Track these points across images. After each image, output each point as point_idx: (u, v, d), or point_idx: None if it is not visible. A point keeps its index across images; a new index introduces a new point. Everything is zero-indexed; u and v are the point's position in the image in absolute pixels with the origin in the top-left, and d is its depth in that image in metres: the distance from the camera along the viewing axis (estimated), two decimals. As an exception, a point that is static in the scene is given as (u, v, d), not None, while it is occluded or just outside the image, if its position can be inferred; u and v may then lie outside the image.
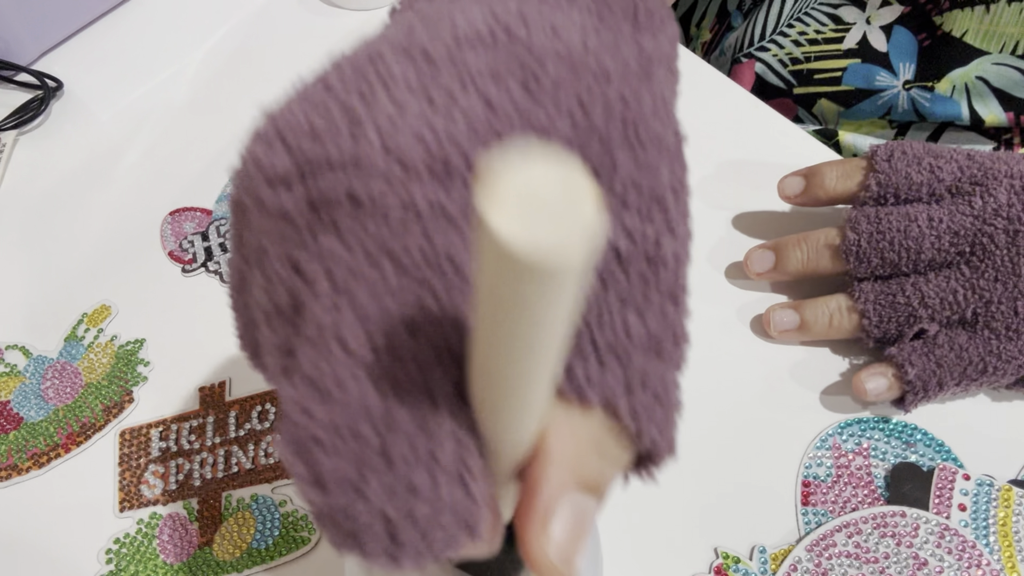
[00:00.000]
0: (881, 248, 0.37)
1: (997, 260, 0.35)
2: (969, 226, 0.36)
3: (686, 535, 0.36)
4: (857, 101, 0.53)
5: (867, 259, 0.38)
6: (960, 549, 0.34)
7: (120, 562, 0.38)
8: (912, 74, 0.50)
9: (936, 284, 0.36)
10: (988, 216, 0.36)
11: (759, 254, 0.41)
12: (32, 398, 0.43)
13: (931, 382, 0.36)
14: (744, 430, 0.39)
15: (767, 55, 0.56)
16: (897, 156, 0.38)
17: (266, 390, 0.42)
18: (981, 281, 0.36)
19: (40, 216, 0.51)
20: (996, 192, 0.36)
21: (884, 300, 0.37)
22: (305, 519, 0.38)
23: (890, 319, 0.37)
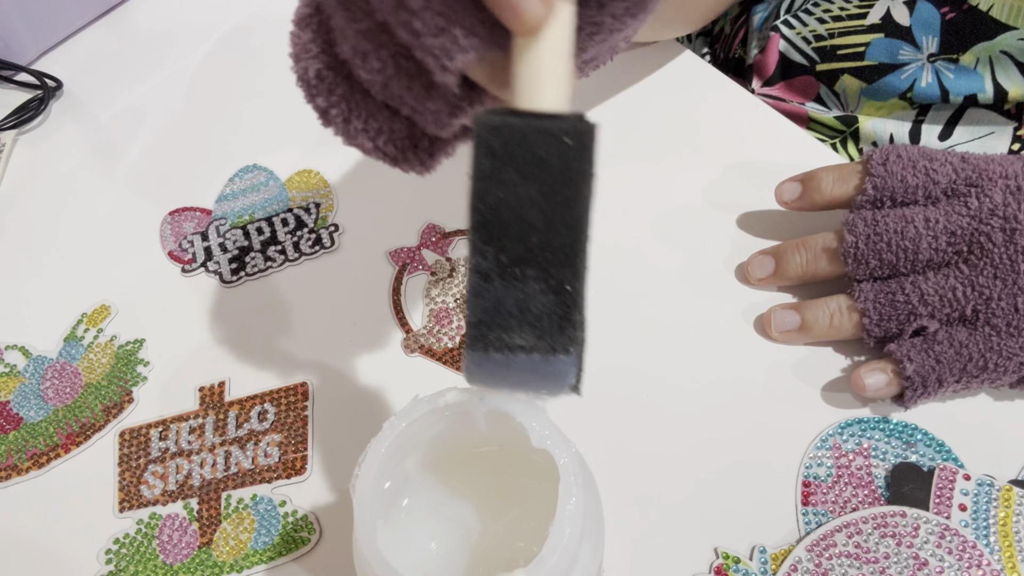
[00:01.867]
0: (879, 250, 0.37)
1: (995, 258, 0.36)
2: (966, 226, 0.36)
3: (686, 535, 0.36)
4: (880, 76, 0.53)
5: (865, 261, 0.38)
6: (960, 549, 0.34)
7: (120, 562, 0.38)
8: (936, 47, 0.50)
9: (935, 282, 0.37)
10: (984, 216, 0.36)
11: (759, 260, 0.42)
12: (32, 398, 0.43)
13: (930, 378, 0.36)
14: (745, 430, 0.39)
15: (791, 32, 0.56)
16: (892, 160, 0.39)
17: (266, 390, 0.42)
18: (980, 278, 0.36)
19: (40, 216, 0.51)
20: (991, 192, 0.36)
21: (884, 299, 0.37)
22: (305, 519, 0.38)
23: (890, 317, 0.37)
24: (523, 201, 0.21)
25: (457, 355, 0.42)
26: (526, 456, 0.32)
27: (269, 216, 0.49)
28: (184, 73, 0.57)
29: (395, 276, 0.45)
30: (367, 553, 0.25)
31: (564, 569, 0.25)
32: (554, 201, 0.20)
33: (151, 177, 0.52)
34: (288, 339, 0.44)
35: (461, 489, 0.32)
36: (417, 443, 0.30)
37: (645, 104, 0.51)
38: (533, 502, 0.31)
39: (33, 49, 0.59)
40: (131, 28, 0.61)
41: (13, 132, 0.55)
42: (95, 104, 0.57)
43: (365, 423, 0.40)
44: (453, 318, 0.43)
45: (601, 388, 0.41)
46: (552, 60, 0.21)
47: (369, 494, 0.26)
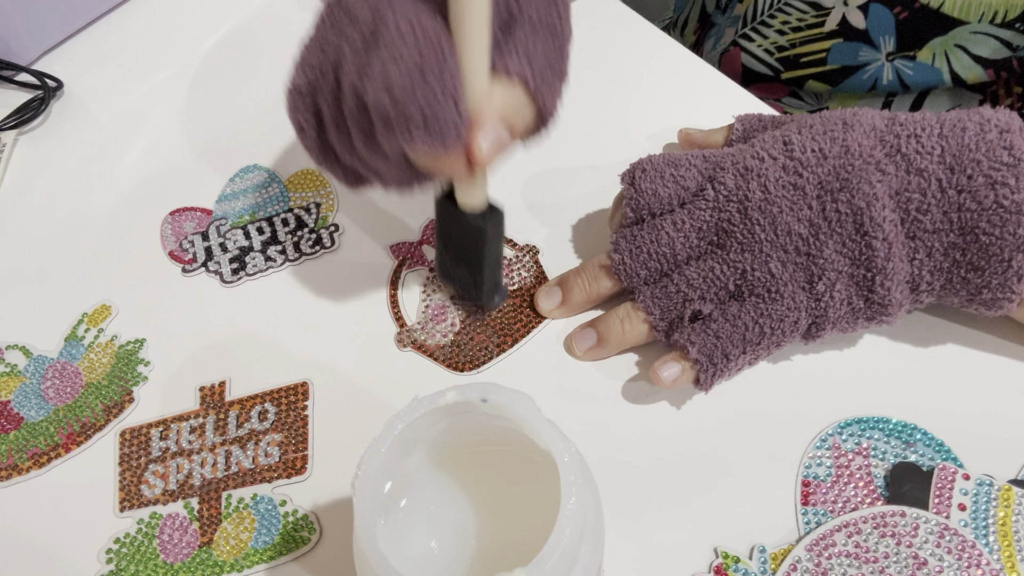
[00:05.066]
0: (642, 260, 0.40)
1: (739, 235, 0.38)
2: (709, 218, 0.39)
3: (686, 535, 0.36)
4: (844, 78, 0.56)
5: (634, 273, 0.40)
6: (960, 549, 0.34)
7: (120, 562, 0.38)
8: (893, 46, 0.53)
9: (697, 268, 0.39)
10: (722, 203, 0.39)
11: (545, 292, 0.43)
12: (32, 398, 0.43)
13: (716, 355, 0.38)
14: (744, 430, 0.39)
15: (752, 45, 0.59)
16: (639, 176, 0.41)
17: (266, 390, 0.42)
18: (731, 255, 0.38)
19: (40, 216, 0.51)
20: (725, 179, 0.39)
21: (659, 294, 0.40)
22: (305, 518, 0.38)
23: (669, 310, 0.39)
24: (461, 239, 0.40)
25: (447, 352, 0.42)
26: (526, 456, 0.32)
27: (269, 216, 0.49)
28: (184, 73, 0.57)
29: (394, 269, 0.45)
30: (367, 553, 0.25)
31: (564, 569, 0.25)
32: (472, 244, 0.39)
33: (151, 177, 0.52)
34: (288, 339, 0.44)
35: (461, 489, 0.32)
36: (417, 443, 0.30)
37: (641, 101, 0.51)
38: (533, 502, 0.31)
39: (33, 49, 0.59)
40: (131, 28, 0.61)
41: (13, 132, 0.55)
42: (95, 104, 0.57)
43: (365, 423, 0.40)
44: (447, 315, 0.43)
45: (601, 388, 0.41)
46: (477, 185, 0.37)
47: (369, 494, 0.26)
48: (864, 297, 0.37)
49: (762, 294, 0.38)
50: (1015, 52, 0.49)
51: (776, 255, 0.37)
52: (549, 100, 0.34)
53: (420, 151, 0.32)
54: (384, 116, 0.31)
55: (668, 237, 0.40)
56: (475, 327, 0.43)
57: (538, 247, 0.45)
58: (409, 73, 0.30)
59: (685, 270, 0.39)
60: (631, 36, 0.55)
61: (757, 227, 0.38)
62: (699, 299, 0.39)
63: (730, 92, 0.51)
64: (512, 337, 0.42)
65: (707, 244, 0.39)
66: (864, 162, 0.36)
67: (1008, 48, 0.49)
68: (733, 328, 0.38)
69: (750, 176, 0.39)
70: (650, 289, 0.40)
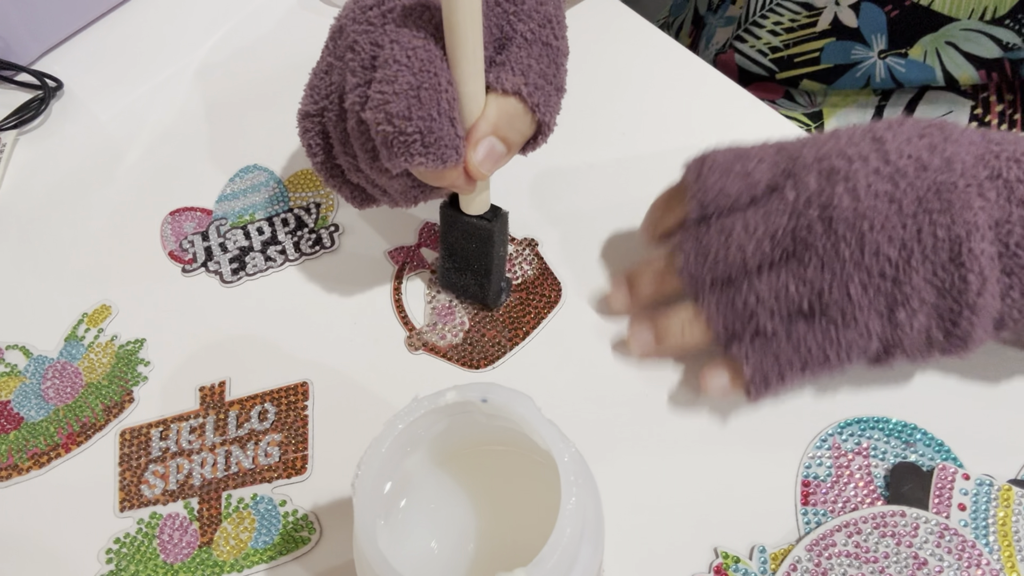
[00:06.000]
0: (708, 265, 0.37)
1: (819, 249, 0.35)
2: (785, 223, 0.36)
3: (686, 535, 0.36)
4: (837, 76, 0.56)
5: (700, 277, 0.38)
6: (960, 549, 0.34)
7: (120, 562, 0.38)
8: (885, 44, 0.53)
9: (768, 281, 0.36)
10: (801, 208, 0.36)
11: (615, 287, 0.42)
12: (32, 398, 0.43)
13: (771, 376, 0.36)
14: (744, 429, 0.39)
15: (745, 46, 0.59)
16: (706, 171, 0.38)
17: (266, 390, 0.42)
18: (809, 271, 0.35)
19: (40, 216, 0.51)
20: (807, 179, 0.36)
21: (724, 304, 0.37)
22: (305, 518, 0.38)
23: (733, 321, 0.37)
24: (467, 244, 0.41)
25: (461, 351, 0.42)
26: (526, 456, 0.32)
27: (269, 216, 0.49)
28: (184, 73, 0.57)
29: (395, 275, 0.45)
30: (367, 553, 0.25)
31: (564, 569, 0.25)
32: (479, 248, 0.41)
33: (151, 177, 0.52)
34: (288, 339, 0.44)
35: (461, 489, 0.32)
36: (417, 443, 0.30)
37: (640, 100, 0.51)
38: (533, 502, 0.31)
39: (33, 49, 0.59)
40: (131, 28, 0.61)
41: (13, 132, 0.55)
42: (95, 104, 0.57)
43: (365, 423, 0.40)
44: (455, 314, 0.43)
45: (601, 388, 0.41)
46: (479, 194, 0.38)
47: (369, 494, 0.26)
48: (945, 330, 0.35)
49: (835, 317, 0.35)
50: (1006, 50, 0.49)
51: (859, 276, 0.34)
52: (545, 111, 0.35)
53: (421, 169, 0.33)
54: (385, 139, 0.32)
55: (739, 241, 0.37)
56: (485, 324, 0.43)
57: (537, 240, 0.46)
58: (406, 97, 0.31)
59: (756, 282, 0.36)
60: (630, 35, 0.55)
61: (843, 243, 0.34)
62: (767, 315, 0.36)
63: (729, 91, 0.51)
64: (523, 330, 0.43)
65: (781, 251, 0.36)
66: (967, 183, 0.33)
67: (999, 46, 0.49)
68: (795, 351, 0.36)
69: (836, 178, 0.35)
70: (716, 296, 0.38)
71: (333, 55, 0.37)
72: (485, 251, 0.40)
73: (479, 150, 0.34)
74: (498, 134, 0.34)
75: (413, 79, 0.32)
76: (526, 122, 0.35)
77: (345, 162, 0.37)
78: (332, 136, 0.37)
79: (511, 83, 0.34)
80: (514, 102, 0.34)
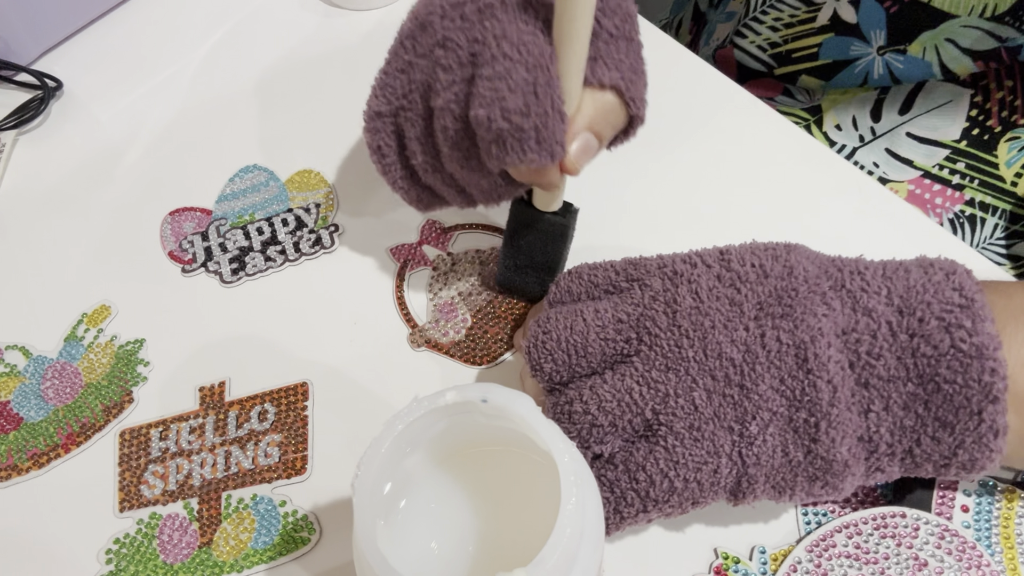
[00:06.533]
0: (549, 349, 0.34)
1: (664, 344, 0.32)
2: (632, 311, 0.34)
3: (686, 535, 0.36)
4: (835, 72, 0.56)
5: (539, 365, 0.34)
6: (960, 550, 0.34)
7: (120, 562, 0.38)
8: (884, 40, 0.53)
9: (612, 384, 0.33)
10: (648, 302, 0.34)
11: None
12: (32, 398, 0.43)
13: (607, 510, 0.33)
14: (744, 430, 0.39)
15: (744, 42, 0.59)
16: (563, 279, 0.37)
17: (266, 390, 0.42)
18: (653, 372, 0.32)
19: (40, 216, 0.51)
20: (651, 282, 0.35)
21: (562, 410, 0.33)
22: (305, 519, 0.38)
23: (574, 434, 0.33)
24: (538, 241, 0.41)
25: (463, 348, 0.42)
26: (526, 456, 0.32)
27: (269, 216, 0.49)
28: (184, 73, 0.57)
29: (397, 273, 0.45)
30: (367, 553, 0.25)
31: (564, 569, 0.25)
32: (552, 244, 0.41)
33: (151, 177, 0.52)
34: (288, 339, 0.44)
35: (461, 489, 0.32)
36: (417, 443, 0.30)
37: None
38: (533, 502, 0.31)
39: (33, 49, 0.59)
40: (131, 28, 0.61)
41: (13, 132, 0.55)
42: (95, 104, 0.57)
43: (365, 423, 0.40)
44: (458, 311, 0.43)
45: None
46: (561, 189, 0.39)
47: (369, 494, 0.26)
48: (805, 448, 0.31)
49: (681, 433, 0.32)
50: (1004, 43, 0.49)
51: (703, 381, 0.32)
52: (640, 103, 0.35)
53: (527, 166, 0.33)
54: (498, 135, 0.32)
55: (584, 324, 0.34)
56: (487, 321, 0.43)
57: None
58: (522, 93, 0.31)
59: (597, 384, 0.33)
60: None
61: (685, 340, 0.32)
62: (609, 427, 0.32)
63: (727, 89, 0.51)
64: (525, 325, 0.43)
65: (623, 342, 0.33)
66: (810, 290, 0.32)
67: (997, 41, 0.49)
68: (632, 482, 0.32)
69: (679, 280, 0.34)
70: (554, 400, 0.34)
71: (413, 53, 0.36)
72: (558, 248, 0.40)
73: (576, 145, 0.34)
74: (593, 128, 0.34)
75: (527, 74, 0.31)
76: (620, 116, 0.35)
77: (423, 162, 0.37)
78: (408, 136, 0.37)
79: (608, 77, 0.34)
80: (611, 97, 0.34)
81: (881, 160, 0.55)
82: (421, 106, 0.36)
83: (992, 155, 0.52)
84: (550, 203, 0.39)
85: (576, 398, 0.33)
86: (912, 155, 0.54)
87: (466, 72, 0.33)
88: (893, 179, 0.54)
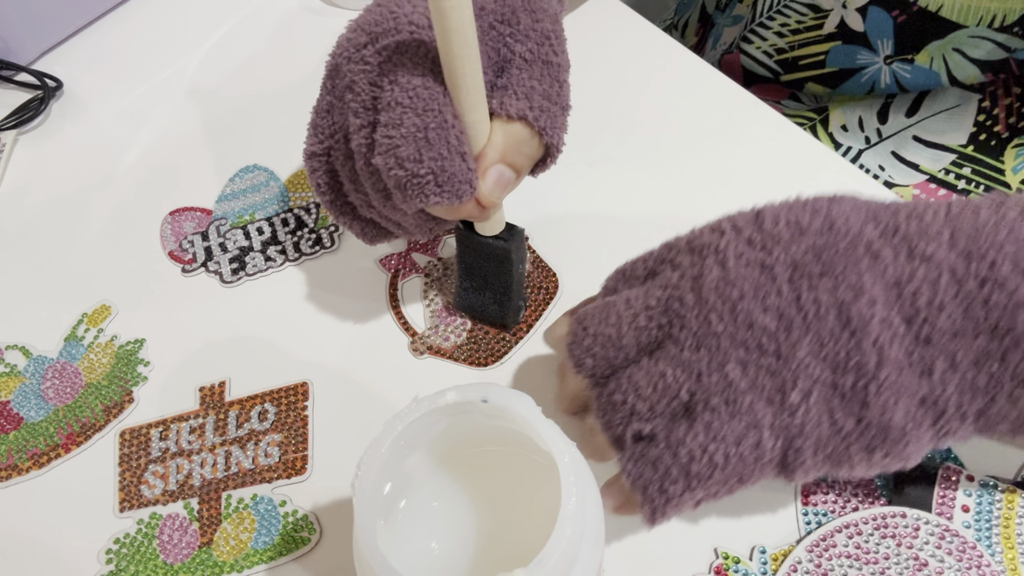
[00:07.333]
0: (587, 346, 0.33)
1: (692, 323, 0.31)
2: (660, 294, 0.32)
3: (686, 535, 0.36)
4: (842, 81, 0.56)
5: (581, 361, 0.33)
6: (960, 551, 0.34)
7: (120, 562, 0.38)
8: (891, 49, 0.53)
9: (647, 369, 0.32)
10: (675, 281, 0.32)
11: None
12: (32, 398, 0.43)
13: (651, 489, 0.31)
14: (744, 430, 0.39)
15: (751, 47, 0.59)
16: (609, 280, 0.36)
17: (266, 390, 0.42)
18: (685, 352, 0.31)
19: (40, 216, 0.51)
20: (680, 260, 0.33)
21: (605, 402, 0.33)
22: (305, 519, 0.38)
23: (615, 424, 0.32)
24: (485, 264, 0.41)
25: (466, 350, 0.42)
26: (526, 456, 0.32)
27: (269, 216, 0.48)
28: (184, 73, 0.57)
29: (389, 282, 0.45)
30: (367, 553, 0.25)
31: (564, 569, 0.25)
32: (498, 267, 0.40)
33: (151, 177, 0.52)
34: (288, 339, 0.44)
35: (461, 489, 0.32)
36: (418, 443, 0.30)
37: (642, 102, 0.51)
38: (533, 502, 0.31)
39: (33, 49, 0.59)
40: (131, 28, 0.61)
41: (13, 132, 0.55)
42: (95, 104, 0.57)
43: (365, 423, 0.40)
44: (455, 315, 0.43)
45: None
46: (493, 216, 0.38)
47: (369, 494, 0.26)
48: (855, 415, 0.29)
49: (718, 407, 0.30)
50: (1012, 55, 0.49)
51: (736, 354, 0.30)
52: (553, 132, 0.34)
53: (436, 207, 0.33)
54: (398, 183, 0.32)
55: (617, 315, 0.33)
56: None
57: (528, 234, 0.46)
58: (414, 140, 0.31)
59: (634, 372, 0.32)
60: (632, 36, 0.55)
61: (713, 314, 0.30)
62: (648, 412, 0.31)
63: (732, 93, 0.51)
64: (526, 323, 0.43)
65: (655, 328, 0.32)
66: (851, 243, 0.30)
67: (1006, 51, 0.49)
68: (674, 458, 0.30)
69: (707, 251, 0.32)
70: (598, 392, 0.33)
71: (332, 94, 0.36)
72: (504, 270, 0.40)
73: (488, 179, 0.34)
74: (506, 160, 0.34)
75: (419, 120, 0.31)
76: (533, 146, 0.34)
77: (357, 199, 0.37)
78: (341, 175, 0.37)
79: (516, 108, 0.33)
80: (520, 127, 0.34)
81: (887, 163, 0.55)
82: (345, 147, 0.36)
83: (999, 161, 0.52)
84: (487, 228, 0.39)
85: (616, 388, 0.32)
86: (918, 159, 0.54)
87: (370, 117, 0.34)
88: (899, 183, 0.54)
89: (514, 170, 0.34)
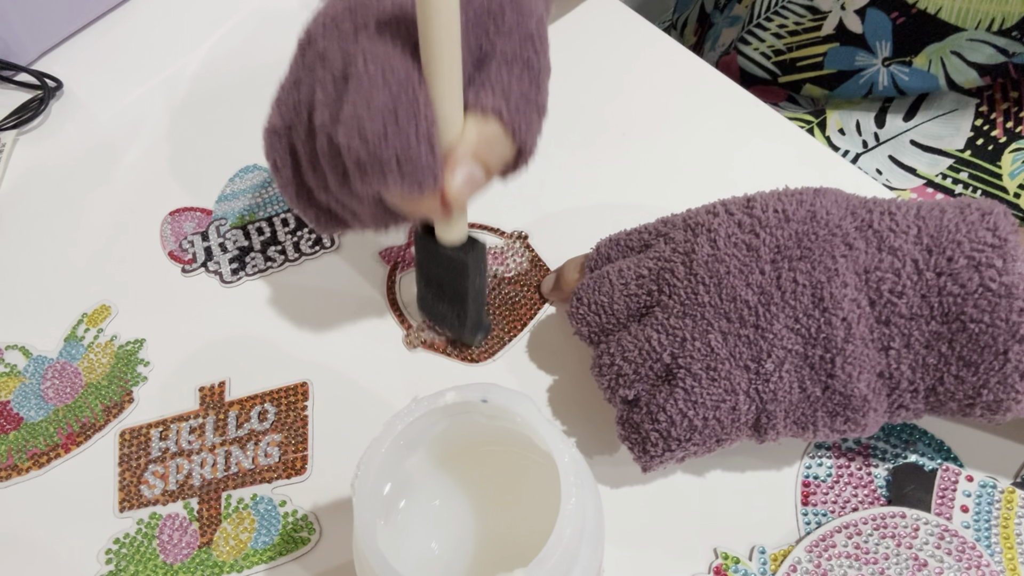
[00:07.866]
0: (582, 314, 0.37)
1: (681, 292, 0.34)
2: (653, 265, 0.36)
3: (686, 535, 0.36)
4: (840, 83, 0.56)
5: (578, 329, 0.37)
6: (960, 551, 0.34)
7: (120, 562, 0.38)
8: (889, 51, 0.53)
9: (634, 334, 0.35)
10: (668, 254, 0.35)
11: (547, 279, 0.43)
12: (32, 398, 0.43)
13: (637, 449, 0.34)
14: (744, 430, 0.39)
15: (748, 48, 0.59)
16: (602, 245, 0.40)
17: (266, 390, 0.42)
18: (671, 319, 0.34)
19: (40, 216, 0.51)
20: (675, 234, 0.36)
21: (597, 364, 0.36)
22: (305, 519, 0.38)
23: (605, 386, 0.36)
24: (442, 274, 0.39)
25: (459, 346, 0.42)
26: (526, 456, 0.32)
27: (269, 216, 0.49)
28: (183, 73, 0.57)
29: (387, 275, 0.45)
30: (367, 553, 0.25)
31: (564, 569, 0.25)
32: (454, 279, 0.39)
33: (151, 177, 0.52)
34: (288, 339, 0.44)
35: (461, 489, 0.32)
36: (417, 443, 0.30)
37: (641, 102, 0.51)
38: (533, 502, 0.31)
39: (33, 49, 0.59)
40: (131, 28, 0.61)
41: (13, 132, 0.55)
42: (95, 104, 0.57)
43: (365, 423, 0.40)
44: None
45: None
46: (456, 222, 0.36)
47: (369, 494, 0.26)
48: (823, 384, 0.33)
49: (698, 373, 0.33)
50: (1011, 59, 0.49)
51: (718, 324, 0.33)
52: (526, 134, 0.33)
53: (395, 195, 0.31)
54: (357, 161, 0.30)
55: (609, 284, 0.36)
56: None
57: (528, 233, 0.46)
58: (382, 117, 0.29)
59: (622, 336, 0.35)
60: (632, 36, 0.55)
61: (701, 287, 0.34)
62: (633, 374, 0.34)
63: (730, 93, 0.51)
64: (520, 321, 0.43)
65: (645, 295, 0.36)
66: (830, 232, 0.33)
67: (1004, 55, 0.49)
68: (654, 422, 0.34)
69: (700, 230, 0.35)
70: (593, 355, 0.37)
71: (301, 67, 0.34)
72: (460, 283, 0.38)
73: (457, 176, 0.31)
74: (478, 159, 0.32)
75: (390, 98, 0.29)
76: (507, 146, 0.33)
77: (313, 182, 0.35)
78: (300, 154, 0.35)
79: (491, 103, 0.32)
80: (494, 124, 0.32)
81: (884, 167, 0.55)
82: (307, 123, 0.34)
83: (996, 166, 0.52)
84: (447, 233, 0.36)
85: (605, 351, 0.36)
86: (916, 163, 0.54)
87: (339, 90, 0.31)
88: (896, 187, 0.54)
89: (485, 170, 0.32)
